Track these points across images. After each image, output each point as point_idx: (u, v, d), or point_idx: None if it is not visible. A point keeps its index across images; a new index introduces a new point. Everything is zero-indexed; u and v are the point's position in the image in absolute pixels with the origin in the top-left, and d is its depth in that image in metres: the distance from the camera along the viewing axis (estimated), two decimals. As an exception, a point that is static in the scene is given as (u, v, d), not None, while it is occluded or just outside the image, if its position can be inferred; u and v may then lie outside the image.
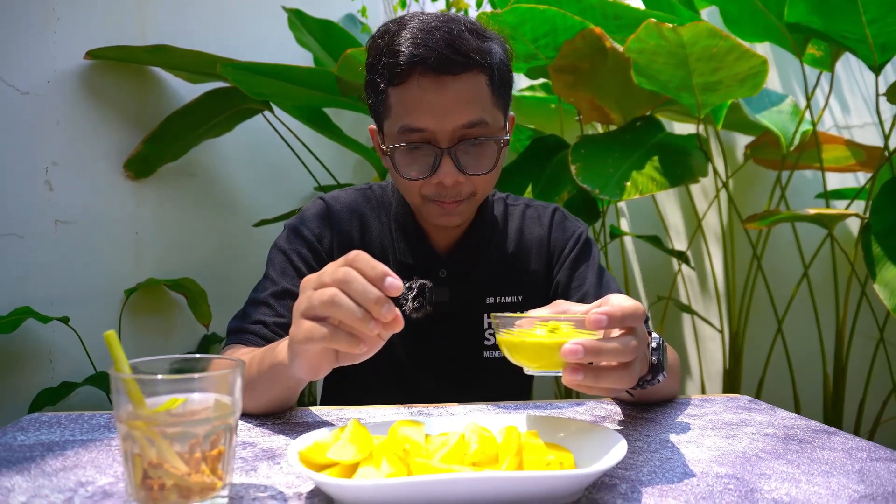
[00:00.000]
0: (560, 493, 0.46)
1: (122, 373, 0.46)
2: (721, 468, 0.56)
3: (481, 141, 0.82)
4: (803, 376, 1.89)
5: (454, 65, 0.78)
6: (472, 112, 0.80)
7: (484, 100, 0.82)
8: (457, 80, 0.79)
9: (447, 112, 0.79)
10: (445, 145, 0.80)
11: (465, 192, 0.84)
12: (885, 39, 1.45)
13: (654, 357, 0.63)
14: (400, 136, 0.81)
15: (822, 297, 1.85)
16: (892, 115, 1.65)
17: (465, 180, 0.82)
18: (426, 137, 0.80)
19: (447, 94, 0.78)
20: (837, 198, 1.89)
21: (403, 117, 0.80)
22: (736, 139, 2.13)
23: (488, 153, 0.83)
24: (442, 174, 0.80)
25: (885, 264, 1.36)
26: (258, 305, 0.86)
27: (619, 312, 0.53)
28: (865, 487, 0.52)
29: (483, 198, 0.88)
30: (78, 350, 1.51)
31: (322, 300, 0.52)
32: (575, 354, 0.51)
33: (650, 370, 0.63)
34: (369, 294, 0.51)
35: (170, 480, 0.45)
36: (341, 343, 0.52)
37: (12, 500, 0.48)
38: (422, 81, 0.78)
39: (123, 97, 1.66)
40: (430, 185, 0.82)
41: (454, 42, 0.78)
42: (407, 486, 0.43)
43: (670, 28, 1.39)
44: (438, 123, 0.79)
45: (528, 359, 0.56)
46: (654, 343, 0.63)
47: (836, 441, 0.64)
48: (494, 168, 0.84)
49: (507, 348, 0.58)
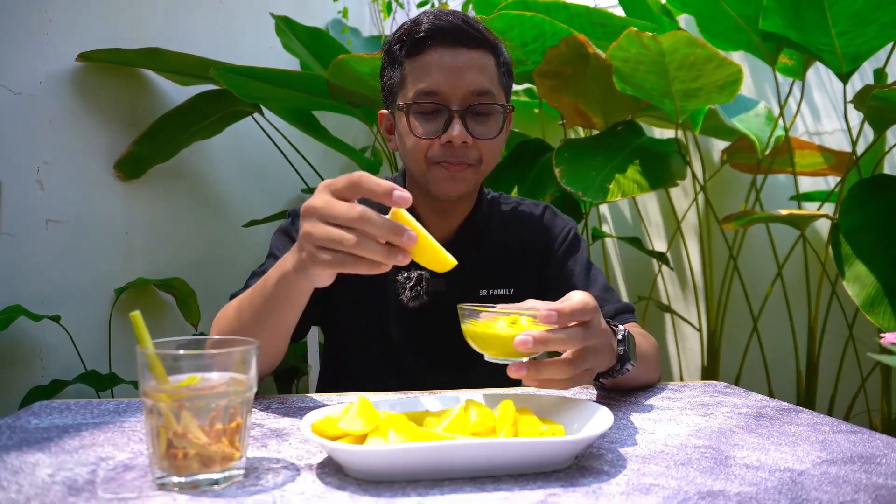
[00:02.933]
0: (553, 459, 0.51)
1: (147, 349, 0.49)
2: (698, 440, 0.60)
3: (489, 108, 0.89)
4: (777, 373, 1.96)
5: (468, 37, 0.87)
6: (482, 81, 0.88)
7: (492, 75, 0.90)
8: (470, 52, 0.88)
9: (460, 75, 0.86)
10: (456, 108, 0.87)
11: (472, 157, 0.89)
12: (852, 50, 1.53)
13: (620, 348, 0.69)
14: (415, 99, 0.88)
15: (795, 296, 1.93)
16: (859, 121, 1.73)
17: (473, 144, 0.88)
18: (439, 101, 0.87)
19: (461, 60, 0.87)
20: (809, 200, 1.97)
21: (419, 82, 0.87)
22: (713, 144, 2.21)
23: (495, 121, 0.90)
24: (452, 134, 0.86)
25: (854, 262, 1.43)
26: (256, 276, 0.90)
27: (568, 308, 0.59)
28: (827, 454, 0.57)
29: (488, 169, 0.92)
30: (68, 348, 1.52)
31: (342, 241, 0.56)
32: (525, 344, 0.58)
33: (618, 360, 0.69)
34: (390, 229, 0.56)
35: (193, 450, 0.48)
36: (361, 269, 0.58)
37: (39, 473, 0.51)
38: (439, 50, 0.87)
39: (115, 99, 1.68)
40: (438, 146, 0.88)
41: (468, 21, 0.88)
42: (413, 451, 0.47)
43: (650, 37, 1.45)
44: (451, 86, 0.86)
45: (487, 348, 0.63)
46: (620, 335, 0.70)
47: (802, 417, 0.69)
48: (500, 135, 0.90)
49: (470, 337, 0.65)
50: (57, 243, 1.53)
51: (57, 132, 1.53)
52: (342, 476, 0.51)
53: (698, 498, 0.46)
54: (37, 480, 0.49)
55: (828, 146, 1.97)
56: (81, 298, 1.58)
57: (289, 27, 2.00)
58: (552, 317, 0.58)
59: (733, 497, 0.47)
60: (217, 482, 0.49)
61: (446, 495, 0.47)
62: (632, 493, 0.47)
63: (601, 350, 0.64)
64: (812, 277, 1.91)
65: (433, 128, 0.88)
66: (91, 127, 1.62)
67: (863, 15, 1.43)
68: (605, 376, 0.71)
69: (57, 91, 1.53)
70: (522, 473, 0.51)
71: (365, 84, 1.66)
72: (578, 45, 1.59)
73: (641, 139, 1.79)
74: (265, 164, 2.09)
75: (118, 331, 1.66)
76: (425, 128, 0.88)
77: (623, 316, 0.94)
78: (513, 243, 1.01)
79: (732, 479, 0.50)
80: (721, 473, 0.51)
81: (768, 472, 0.52)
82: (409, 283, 0.94)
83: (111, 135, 1.66)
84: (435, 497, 0.46)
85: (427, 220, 0.97)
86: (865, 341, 1.84)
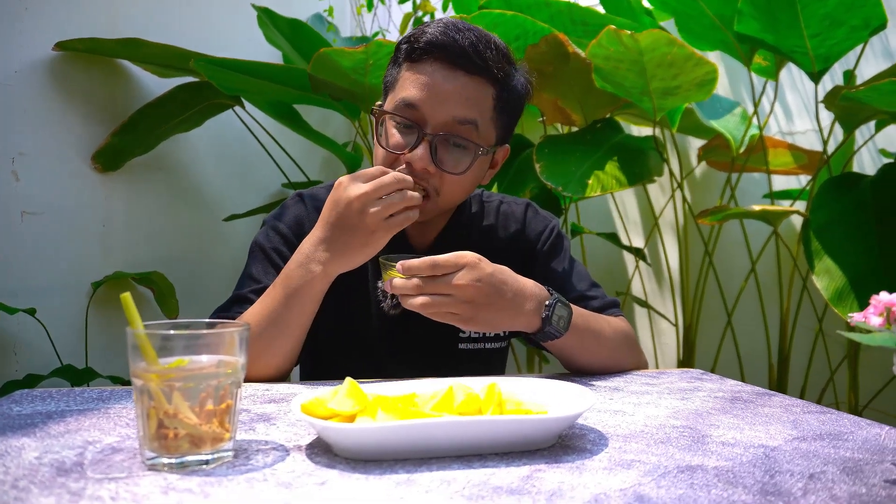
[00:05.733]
0: (537, 437, 0.52)
1: (137, 329, 0.49)
2: (676, 421, 0.63)
3: (463, 142, 0.84)
4: (750, 366, 2.01)
5: (470, 64, 0.82)
6: (467, 110, 0.83)
7: (484, 108, 0.85)
8: (466, 78, 0.83)
9: (445, 101, 0.83)
10: (429, 130, 0.83)
11: (432, 186, 0.85)
12: (824, 51, 1.58)
13: (543, 313, 0.79)
14: (395, 107, 0.85)
15: (768, 291, 1.98)
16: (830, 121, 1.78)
17: (435, 172, 0.84)
18: (416, 117, 0.83)
19: (452, 86, 0.82)
20: (782, 198, 2.03)
21: (405, 91, 0.84)
22: (689, 142, 2.26)
23: (466, 158, 0.85)
24: (414, 154, 0.82)
25: (823, 257, 1.47)
26: (241, 301, 0.89)
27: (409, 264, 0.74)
28: (798, 432, 0.59)
29: (447, 205, 0.90)
30: (44, 342, 1.50)
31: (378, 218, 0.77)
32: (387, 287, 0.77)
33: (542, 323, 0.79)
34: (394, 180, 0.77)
35: (183, 430, 0.48)
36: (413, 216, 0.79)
37: (25, 455, 0.51)
38: (435, 65, 0.83)
39: (92, 89, 1.65)
40: (399, 161, 0.85)
41: (479, 46, 0.83)
42: (401, 429, 0.48)
43: (629, 35, 1.48)
44: (432, 108, 0.83)
45: None
46: (548, 301, 0.80)
47: (775, 400, 0.72)
48: (465, 173, 0.85)
49: None
50: (32, 235, 1.50)
51: (33, 122, 1.50)
52: (331, 455, 0.51)
53: (678, 472, 0.48)
54: (24, 462, 0.49)
55: (800, 145, 2.02)
56: (57, 292, 1.56)
57: (270, 19, 1.98)
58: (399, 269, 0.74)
59: (711, 470, 0.49)
60: (207, 462, 0.49)
61: (434, 472, 0.48)
62: (614, 468, 0.49)
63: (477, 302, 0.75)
64: (784, 273, 1.96)
65: (403, 142, 0.85)
66: (68, 118, 1.59)
67: (834, 17, 1.47)
68: (535, 338, 0.82)
69: (33, 81, 1.50)
70: (509, 451, 0.52)
71: (347, 78, 1.66)
72: (558, 44, 1.61)
73: (620, 136, 1.83)
74: (246, 157, 2.08)
75: (95, 325, 1.64)
76: (395, 140, 0.85)
77: (610, 310, 0.97)
78: (496, 243, 1.01)
79: (709, 454, 0.52)
80: (699, 450, 0.53)
81: (743, 449, 0.54)
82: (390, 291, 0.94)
83: (89, 126, 1.63)
84: (423, 474, 0.47)
85: (406, 230, 0.94)
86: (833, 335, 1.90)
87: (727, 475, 0.48)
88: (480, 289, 0.75)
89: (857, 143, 1.92)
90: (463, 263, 0.74)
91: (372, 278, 0.96)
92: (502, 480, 0.46)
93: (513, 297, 0.77)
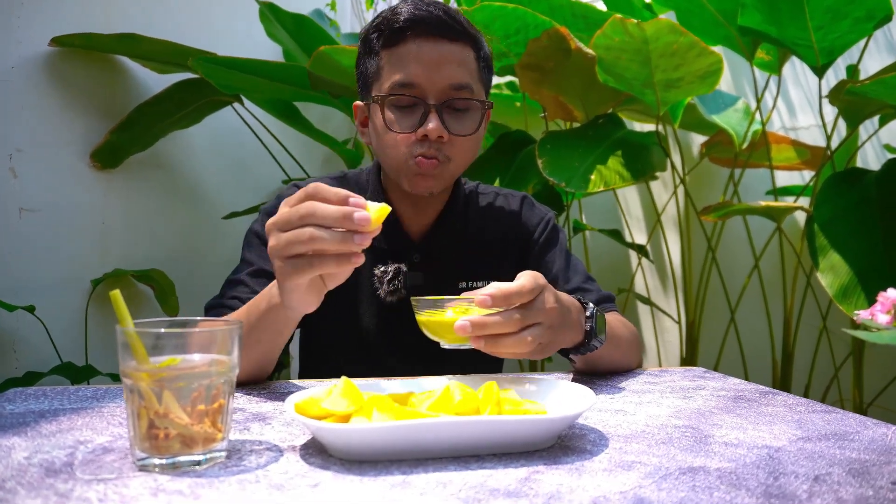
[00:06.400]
0: (536, 438, 0.51)
1: (127, 327, 0.48)
2: (678, 421, 0.61)
3: (466, 104, 0.87)
4: (754, 363, 1.99)
5: (449, 29, 0.86)
6: (461, 75, 0.86)
7: (472, 69, 0.88)
8: (450, 44, 0.86)
9: (439, 67, 0.85)
10: (433, 101, 0.85)
11: (447, 154, 0.87)
12: (827, 44, 1.56)
13: (587, 324, 0.72)
14: (391, 91, 0.86)
15: (772, 288, 1.96)
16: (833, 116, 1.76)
17: (448, 139, 0.86)
18: (416, 93, 0.85)
19: (440, 53, 0.85)
20: (785, 194, 2.01)
21: (396, 73, 0.85)
22: (692, 138, 2.24)
23: (472, 118, 0.88)
24: (428, 127, 0.84)
25: (828, 253, 1.46)
26: (235, 285, 0.89)
27: (501, 293, 0.61)
28: (802, 432, 0.58)
29: (459, 168, 0.91)
30: (43, 340, 1.49)
31: (300, 240, 0.57)
32: (464, 330, 0.60)
33: (585, 336, 0.72)
34: (339, 213, 0.56)
35: (174, 430, 0.47)
36: (329, 266, 0.57)
37: (15, 455, 0.50)
38: (417, 41, 0.85)
39: (90, 86, 1.64)
40: (413, 140, 0.86)
41: (449, 12, 0.86)
42: (396, 429, 0.47)
43: (634, 24, 1.46)
44: (429, 79, 0.84)
45: (441, 335, 0.66)
46: (588, 313, 0.72)
47: (779, 399, 0.71)
48: (477, 131, 0.89)
49: (424, 326, 0.67)
50: (31, 232, 1.50)
51: (30, 119, 1.50)
52: (326, 456, 0.50)
53: (679, 473, 0.47)
54: (13, 462, 0.48)
55: (803, 141, 2.00)
56: (57, 289, 1.55)
57: (273, 14, 1.97)
58: (486, 301, 0.60)
59: (713, 472, 0.47)
60: (199, 463, 0.48)
61: (430, 474, 0.47)
62: (614, 470, 0.48)
63: (555, 326, 0.65)
64: (788, 269, 1.94)
65: (409, 122, 0.86)
66: (66, 114, 1.58)
67: (837, 9, 1.45)
68: (574, 352, 0.74)
69: (29, 76, 1.50)
70: (507, 452, 0.51)
71: (347, 75, 1.65)
72: (560, 38, 1.60)
73: (622, 132, 1.81)
74: (245, 154, 2.07)
75: (94, 322, 1.63)
76: (401, 122, 0.86)
77: (604, 305, 0.95)
78: (491, 235, 1.00)
79: (712, 455, 0.51)
80: (701, 451, 0.52)
81: (747, 449, 0.53)
82: (386, 277, 0.93)
83: (87, 123, 1.63)
84: (419, 475, 0.46)
85: (402, 214, 0.96)
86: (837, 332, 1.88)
87: (730, 477, 0.46)
88: (558, 310, 0.66)
89: (861, 139, 1.90)
90: (542, 285, 0.64)
91: (367, 267, 0.94)
92: (499, 482, 0.45)
93: (572, 313, 0.70)
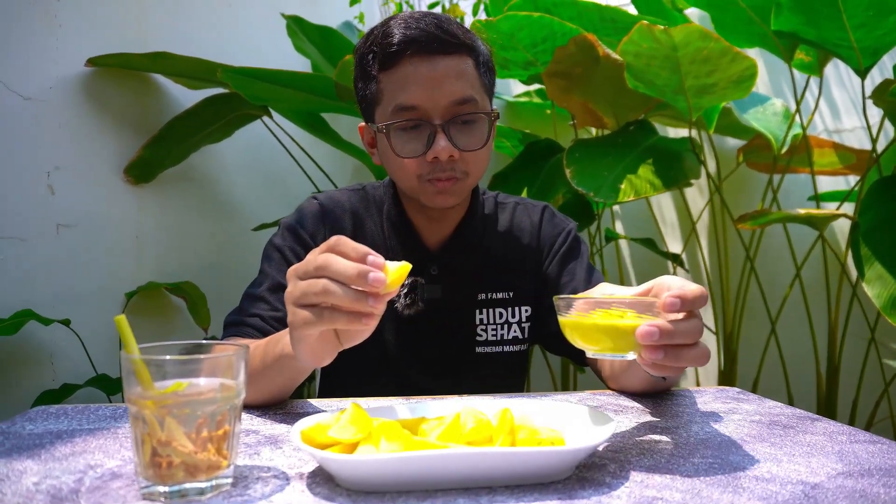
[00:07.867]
0: (552, 470, 0.49)
1: (132, 354, 0.48)
2: (707, 450, 0.58)
3: (473, 117, 0.85)
4: (797, 376, 1.91)
5: (444, 44, 0.83)
6: (463, 88, 0.83)
7: (472, 79, 0.86)
8: (447, 59, 0.83)
9: (439, 86, 0.82)
10: (438, 121, 0.83)
11: (459, 171, 0.85)
12: (870, 44, 1.48)
13: None
14: (393, 116, 0.84)
15: (815, 298, 1.88)
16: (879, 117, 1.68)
17: (459, 156, 0.84)
18: (419, 115, 0.83)
19: (438, 70, 0.82)
20: (828, 200, 1.92)
21: (396, 97, 0.83)
22: (727, 143, 2.17)
23: (479, 130, 0.86)
24: (437, 149, 0.82)
25: (873, 263, 1.38)
26: (254, 300, 0.89)
27: (690, 296, 0.54)
28: (844, 466, 0.54)
29: (476, 180, 0.89)
30: (79, 352, 1.53)
31: (314, 291, 0.54)
32: (651, 336, 0.53)
33: None
34: (354, 271, 0.53)
35: (178, 458, 0.47)
36: (340, 322, 0.54)
37: (25, 481, 0.50)
38: (413, 60, 0.82)
39: (124, 103, 1.68)
40: (424, 163, 0.84)
41: (442, 25, 0.83)
42: (404, 461, 0.45)
43: (661, 30, 1.42)
44: (430, 99, 0.82)
45: (593, 341, 0.57)
46: None
47: (818, 426, 0.66)
48: (486, 144, 0.86)
49: (572, 330, 0.58)
50: (67, 248, 1.54)
51: (67, 137, 1.54)
52: (333, 486, 0.49)
53: (704, 512, 0.44)
54: (21, 489, 0.48)
55: (847, 144, 1.92)
56: (92, 302, 1.59)
57: (300, 27, 1.99)
58: (676, 304, 0.53)
59: (741, 511, 0.44)
60: (203, 491, 0.48)
61: (439, 507, 0.45)
62: (633, 507, 0.45)
63: None
64: (832, 279, 1.86)
65: (416, 145, 0.84)
66: (101, 132, 1.62)
67: (880, 5, 1.38)
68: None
69: (67, 96, 1.54)
70: (520, 485, 0.49)
71: (373, 86, 1.65)
72: (588, 45, 1.57)
73: (654, 138, 1.76)
74: (275, 167, 2.09)
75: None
76: (408, 146, 0.84)
77: None
78: (511, 245, 0.98)
79: (741, 491, 0.48)
80: (729, 486, 0.49)
81: (780, 485, 0.49)
82: (403, 291, 0.92)
83: (121, 139, 1.66)
84: (427, 509, 0.44)
85: (419, 226, 0.95)
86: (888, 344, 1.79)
87: (760, 517, 0.43)
88: None
89: (911, 141, 1.80)
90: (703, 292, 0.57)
91: None
92: (510, 519, 0.43)
93: None
